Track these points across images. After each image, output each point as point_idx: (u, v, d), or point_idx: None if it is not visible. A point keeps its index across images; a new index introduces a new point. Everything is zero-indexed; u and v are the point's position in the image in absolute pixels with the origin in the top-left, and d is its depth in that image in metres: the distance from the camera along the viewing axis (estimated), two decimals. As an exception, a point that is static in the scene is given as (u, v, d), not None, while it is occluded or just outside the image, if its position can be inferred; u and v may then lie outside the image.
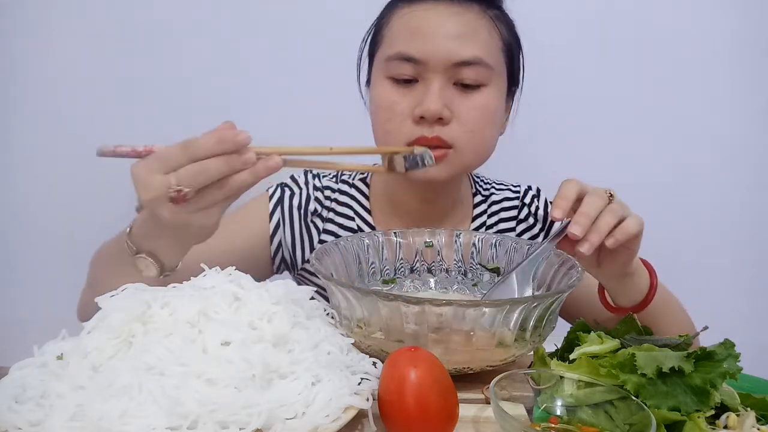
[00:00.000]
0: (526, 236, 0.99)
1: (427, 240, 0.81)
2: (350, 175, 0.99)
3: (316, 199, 0.96)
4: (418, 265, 0.81)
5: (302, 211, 0.95)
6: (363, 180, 0.99)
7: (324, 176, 0.99)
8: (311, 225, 0.95)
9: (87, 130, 1.86)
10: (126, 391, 0.45)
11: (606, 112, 1.74)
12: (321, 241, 0.95)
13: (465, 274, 0.81)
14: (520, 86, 0.92)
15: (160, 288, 0.57)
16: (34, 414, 0.45)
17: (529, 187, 1.04)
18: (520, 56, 0.90)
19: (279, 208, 0.94)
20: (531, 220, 1.00)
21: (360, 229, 0.94)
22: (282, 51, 1.78)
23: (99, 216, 1.91)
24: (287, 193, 0.95)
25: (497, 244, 0.80)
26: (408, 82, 0.82)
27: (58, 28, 1.82)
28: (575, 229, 0.65)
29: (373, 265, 0.79)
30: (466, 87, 0.82)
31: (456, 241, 0.81)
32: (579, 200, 0.68)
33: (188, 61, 1.83)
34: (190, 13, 1.80)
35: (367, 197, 0.97)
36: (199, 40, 1.81)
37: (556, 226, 0.74)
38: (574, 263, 0.69)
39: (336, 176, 0.99)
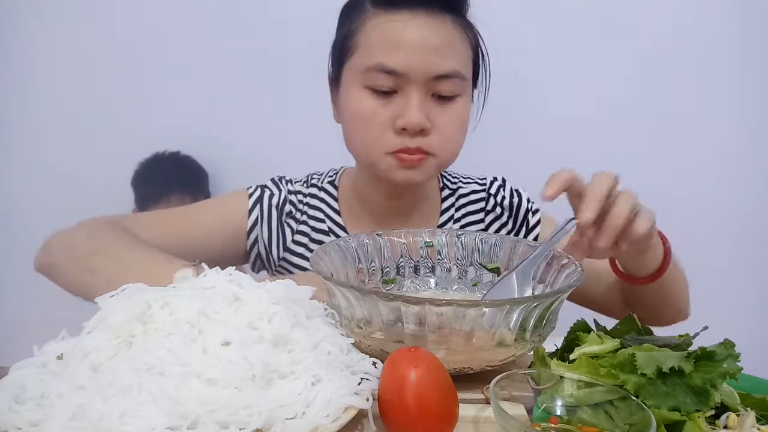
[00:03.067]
0: (494, 226, 1.03)
1: (428, 240, 0.81)
2: (319, 179, 1.03)
3: (291, 202, 1.00)
4: (418, 265, 0.81)
5: (279, 210, 0.99)
6: (331, 183, 1.03)
7: (296, 182, 1.03)
8: (286, 225, 0.99)
9: (86, 132, 1.87)
10: (126, 391, 0.45)
11: (606, 113, 1.74)
12: (294, 241, 0.99)
13: (465, 274, 0.81)
14: (485, 87, 0.95)
15: (160, 288, 0.57)
16: (34, 414, 0.45)
17: (495, 179, 1.06)
18: (483, 60, 0.93)
19: (258, 206, 0.98)
20: (498, 210, 1.03)
21: (331, 230, 0.98)
22: (278, 51, 1.78)
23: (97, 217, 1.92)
24: (267, 192, 0.99)
25: (498, 244, 0.80)
26: (387, 92, 0.84)
27: (55, 30, 1.82)
28: (588, 214, 0.65)
29: (373, 265, 0.79)
30: (442, 98, 0.85)
31: (456, 241, 0.81)
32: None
33: (187, 62, 1.83)
34: (190, 14, 1.80)
35: (335, 198, 1.01)
36: (198, 41, 1.81)
37: (558, 225, 0.74)
38: (574, 263, 0.68)
39: (306, 181, 1.03)
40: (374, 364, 0.55)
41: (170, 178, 1.81)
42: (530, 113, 1.67)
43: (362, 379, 0.52)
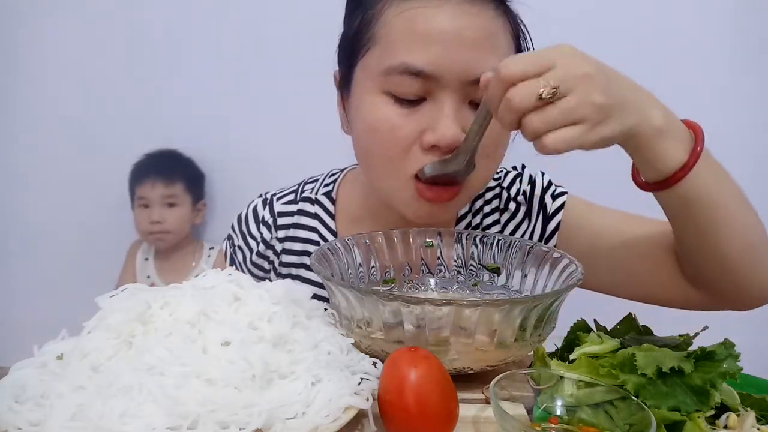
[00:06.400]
0: (510, 226, 0.88)
1: (427, 240, 0.81)
2: (313, 188, 0.91)
3: (260, 254, 0.90)
4: (418, 265, 0.81)
5: (256, 265, 0.91)
6: (327, 194, 0.89)
7: (279, 199, 0.91)
8: (269, 262, 0.91)
9: (86, 132, 1.87)
10: (126, 391, 0.45)
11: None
12: (281, 274, 0.90)
13: (465, 274, 0.81)
14: None
15: (160, 288, 0.57)
16: (34, 414, 0.45)
17: (514, 168, 0.91)
18: (527, 48, 0.77)
19: (234, 268, 0.92)
20: (512, 206, 0.88)
21: None
22: (278, 52, 1.78)
23: (96, 218, 1.93)
24: (236, 252, 0.92)
25: (498, 244, 0.80)
26: (412, 100, 0.69)
27: (55, 30, 1.82)
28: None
29: (373, 265, 0.79)
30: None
31: (456, 240, 0.81)
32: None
33: (185, 62, 1.83)
34: (190, 15, 1.80)
35: (332, 215, 0.88)
36: (197, 42, 1.81)
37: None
38: (574, 263, 0.68)
39: (296, 192, 0.91)
40: (374, 364, 0.55)
41: (162, 174, 1.81)
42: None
43: (362, 379, 0.52)
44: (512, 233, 0.88)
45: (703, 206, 0.64)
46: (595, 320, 0.68)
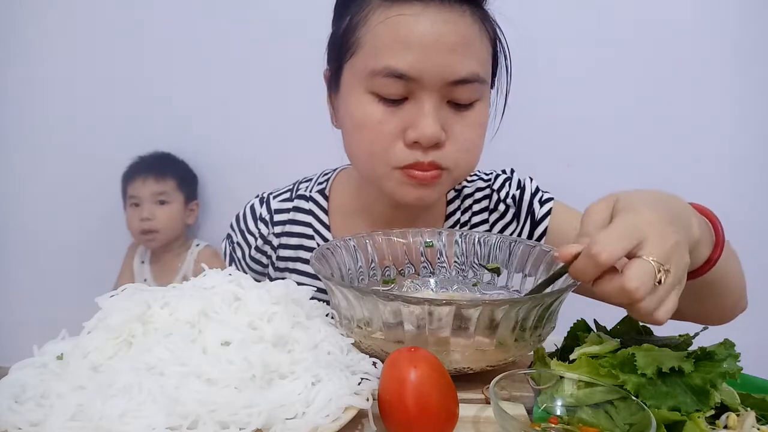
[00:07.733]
0: (498, 226, 0.93)
1: (428, 240, 0.81)
2: (307, 187, 0.95)
3: (258, 249, 0.93)
4: (418, 265, 0.81)
5: (255, 260, 0.94)
6: (321, 192, 0.94)
7: (275, 198, 0.95)
8: (267, 257, 0.94)
9: (85, 133, 1.87)
10: (126, 391, 0.45)
11: (605, 112, 1.74)
12: (279, 269, 0.93)
13: (465, 274, 0.81)
14: (506, 90, 0.84)
15: (160, 288, 0.57)
16: (34, 414, 0.45)
17: (503, 171, 0.96)
18: (506, 58, 0.82)
19: (233, 267, 0.93)
20: (501, 208, 0.93)
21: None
22: (276, 54, 1.78)
23: (96, 218, 1.93)
24: (235, 249, 0.94)
25: (497, 244, 0.80)
26: (395, 99, 0.74)
27: (53, 31, 1.82)
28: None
29: (373, 265, 0.79)
30: (459, 104, 0.76)
31: (457, 240, 0.81)
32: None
33: (183, 62, 1.83)
34: (188, 14, 1.80)
35: (325, 211, 0.93)
36: (195, 42, 1.81)
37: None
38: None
39: (292, 191, 0.95)
40: (374, 364, 0.55)
41: (154, 171, 1.81)
42: (536, 109, 1.66)
43: (362, 379, 0.52)
44: (500, 233, 0.93)
45: (716, 285, 0.69)
46: (595, 320, 0.69)
